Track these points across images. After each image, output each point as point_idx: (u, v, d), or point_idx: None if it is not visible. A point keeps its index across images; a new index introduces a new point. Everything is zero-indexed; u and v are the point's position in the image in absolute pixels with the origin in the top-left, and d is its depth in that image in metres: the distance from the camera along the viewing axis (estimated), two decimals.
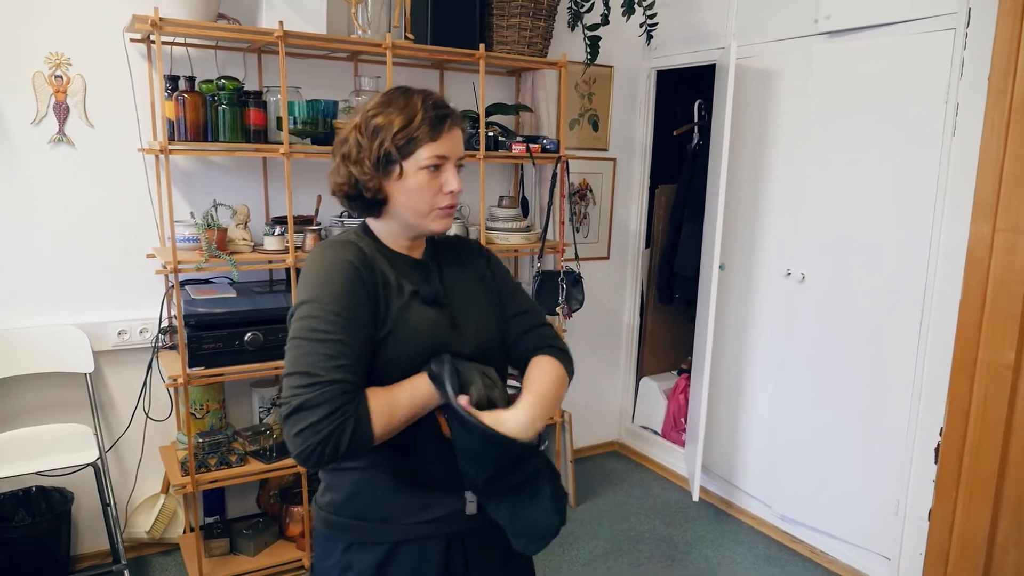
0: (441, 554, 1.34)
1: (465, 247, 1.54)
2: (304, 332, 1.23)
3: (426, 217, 1.34)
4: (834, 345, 3.03)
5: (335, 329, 1.22)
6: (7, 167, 2.63)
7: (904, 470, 2.84)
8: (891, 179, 2.79)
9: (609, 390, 4.27)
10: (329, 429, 1.16)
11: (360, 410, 1.20)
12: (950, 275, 2.64)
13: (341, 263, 1.28)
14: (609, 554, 3.17)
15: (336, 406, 1.17)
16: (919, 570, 2.81)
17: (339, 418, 1.16)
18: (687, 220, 4.03)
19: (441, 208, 1.35)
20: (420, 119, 1.30)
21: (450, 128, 1.33)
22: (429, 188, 1.32)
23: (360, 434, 1.19)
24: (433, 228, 1.36)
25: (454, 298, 1.40)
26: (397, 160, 1.30)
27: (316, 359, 1.20)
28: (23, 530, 2.62)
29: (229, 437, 2.82)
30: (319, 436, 1.15)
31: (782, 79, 3.22)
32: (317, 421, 1.16)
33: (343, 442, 1.17)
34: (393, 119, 1.30)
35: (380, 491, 1.33)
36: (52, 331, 2.75)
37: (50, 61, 2.64)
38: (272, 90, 2.79)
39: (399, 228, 1.38)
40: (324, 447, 1.16)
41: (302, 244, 2.77)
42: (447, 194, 1.34)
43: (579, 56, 3.54)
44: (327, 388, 1.18)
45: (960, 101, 2.57)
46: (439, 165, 1.32)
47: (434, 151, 1.31)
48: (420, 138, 1.30)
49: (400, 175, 1.31)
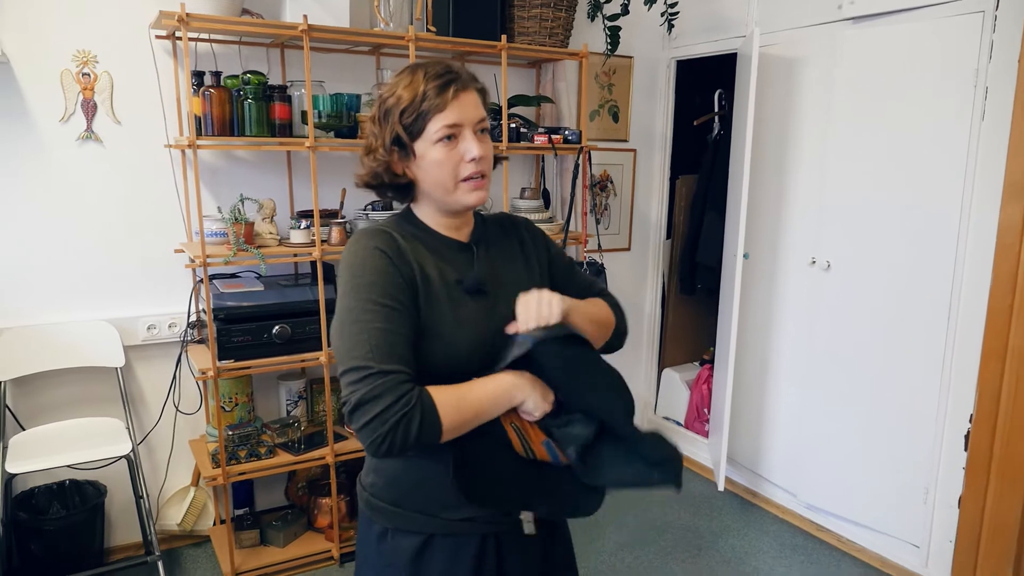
0: (474, 552, 1.31)
1: (513, 225, 1.46)
2: (347, 327, 1.19)
3: (454, 192, 1.27)
4: (861, 333, 3.02)
5: (378, 318, 1.18)
6: (37, 165, 2.66)
7: (933, 457, 2.82)
8: (918, 165, 2.77)
9: (631, 381, 4.18)
10: (395, 419, 1.12)
11: (424, 398, 1.15)
12: (979, 260, 2.62)
13: (370, 251, 1.23)
14: (635, 544, 3.18)
15: (397, 395, 1.13)
16: (949, 557, 2.80)
17: (403, 407, 1.12)
18: (709, 210, 4.02)
19: (466, 179, 1.27)
20: (423, 92, 1.23)
21: (456, 93, 1.24)
22: (449, 161, 1.25)
23: (428, 424, 1.14)
24: (466, 202, 1.28)
25: (499, 282, 1.34)
26: (408, 142, 1.26)
27: (365, 351, 1.16)
28: (58, 522, 2.65)
29: (258, 430, 2.84)
30: (386, 426, 1.12)
31: (806, 67, 3.20)
32: (382, 411, 1.12)
33: (412, 431, 1.13)
34: (399, 100, 1.25)
35: (421, 482, 1.30)
36: (83, 326, 2.78)
37: (77, 59, 2.67)
38: (296, 84, 2.81)
39: (436, 208, 1.33)
40: (394, 436, 1.12)
41: (327, 237, 2.79)
42: (469, 162, 1.25)
43: (599, 47, 3.55)
44: (383, 379, 1.14)
45: (989, 85, 2.54)
46: (453, 135, 1.24)
47: (443, 121, 1.23)
48: (427, 111, 1.23)
49: (417, 155, 1.26)
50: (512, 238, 1.43)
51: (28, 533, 2.61)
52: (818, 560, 3.09)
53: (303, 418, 3.07)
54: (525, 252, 1.43)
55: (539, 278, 1.42)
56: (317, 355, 2.78)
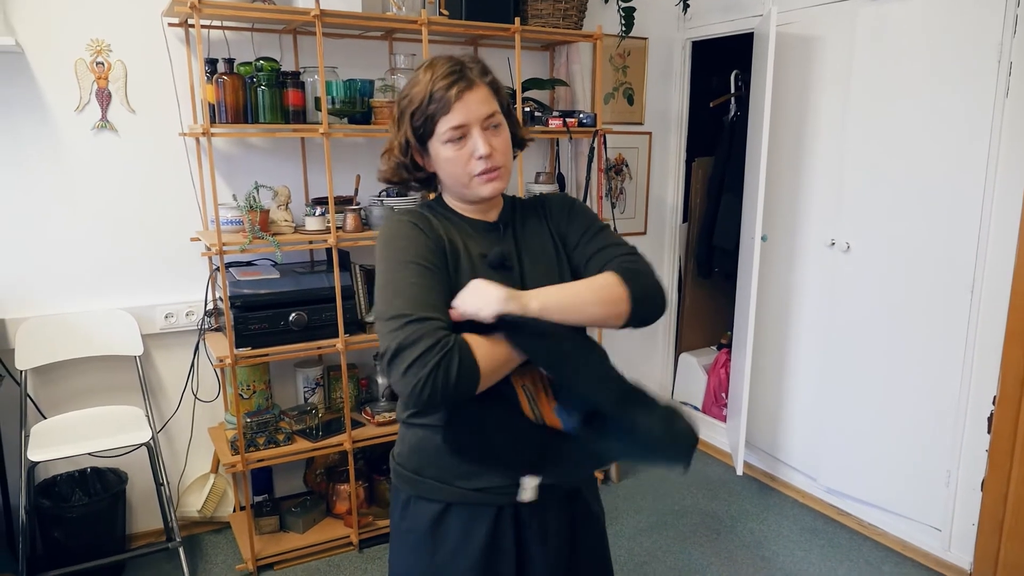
0: (489, 523, 1.33)
1: (543, 204, 1.47)
2: (385, 284, 1.23)
3: (468, 186, 1.32)
4: (881, 315, 2.98)
5: (413, 275, 1.22)
6: (53, 155, 2.67)
7: (955, 440, 2.79)
8: (940, 144, 2.72)
9: (648, 366, 4.25)
10: (435, 360, 1.11)
11: (461, 343, 1.15)
12: (1003, 240, 2.58)
13: (403, 223, 1.30)
14: (653, 528, 3.17)
15: (436, 339, 1.13)
16: (971, 541, 2.77)
17: (442, 350, 1.12)
18: (725, 192, 3.98)
19: (478, 175, 1.30)
20: (428, 95, 1.27)
21: (460, 94, 1.27)
22: (459, 159, 1.29)
23: (467, 367, 1.14)
24: (481, 194, 1.33)
25: (526, 259, 1.37)
26: (417, 147, 1.33)
27: (401, 302, 1.18)
28: (80, 509, 2.68)
29: (276, 417, 2.86)
30: (426, 369, 1.11)
31: (824, 45, 3.14)
32: (421, 355, 1.11)
33: (452, 373, 1.12)
34: (411, 99, 1.30)
35: (438, 449, 1.31)
36: (102, 315, 2.80)
37: (91, 48, 2.67)
38: (309, 71, 2.79)
39: (459, 197, 1.38)
40: (435, 379, 1.11)
41: (342, 224, 2.78)
42: (478, 160, 1.29)
43: (614, 28, 3.50)
44: (421, 324, 1.14)
45: (1014, 60, 2.49)
46: (462, 135, 1.28)
47: (449, 123, 1.27)
48: (434, 114, 1.28)
49: (431, 154, 1.32)
50: (541, 216, 1.45)
51: (51, 520, 2.63)
52: (838, 544, 3.07)
53: (320, 405, 3.07)
54: (551, 228, 1.44)
55: (565, 261, 1.42)
56: (333, 342, 2.78)
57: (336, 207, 2.77)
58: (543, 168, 3.62)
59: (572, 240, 1.42)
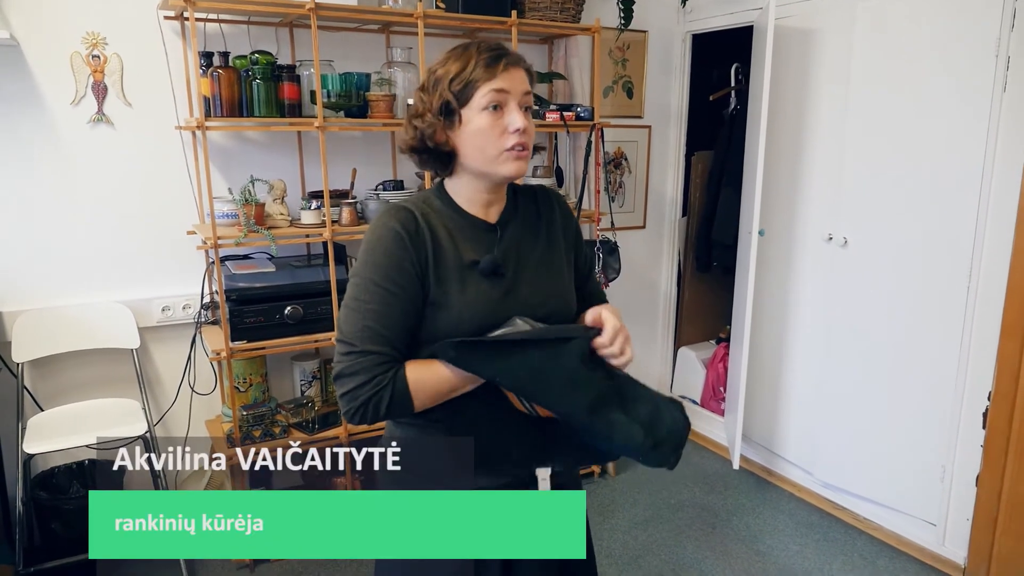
0: None
1: (547, 201, 1.47)
2: (349, 300, 1.28)
3: (495, 161, 1.30)
4: (878, 310, 2.98)
5: (374, 300, 1.25)
6: (49, 148, 2.68)
7: (950, 435, 2.79)
8: (937, 138, 2.71)
9: (647, 360, 4.25)
10: (365, 397, 1.22)
11: (398, 380, 1.23)
12: (1000, 235, 2.57)
13: (388, 231, 1.28)
14: (649, 522, 3.18)
15: (370, 376, 1.23)
16: (965, 535, 2.77)
17: (374, 388, 1.22)
18: (725, 187, 3.96)
19: (509, 150, 1.29)
20: (474, 62, 1.28)
21: (507, 67, 1.28)
22: (493, 130, 1.28)
23: (397, 403, 1.24)
24: (505, 173, 1.30)
25: (521, 263, 1.36)
26: (456, 108, 1.29)
27: (355, 329, 1.25)
28: (78, 501, 2.70)
29: (272, 410, 2.87)
30: (357, 402, 1.23)
31: (823, 38, 3.13)
32: (354, 388, 1.23)
33: (381, 408, 1.23)
34: (450, 68, 1.29)
35: (428, 451, 1.31)
36: (98, 308, 2.80)
37: (87, 41, 2.67)
38: (305, 64, 2.79)
39: (475, 182, 1.34)
40: (365, 411, 1.23)
41: (338, 218, 2.79)
42: (513, 133, 1.28)
43: (613, 21, 3.49)
44: (362, 358, 1.23)
45: (1011, 54, 2.47)
46: (500, 105, 1.28)
47: (491, 87, 1.27)
48: (476, 79, 1.27)
49: (462, 122, 1.29)
50: (542, 216, 1.44)
51: (48, 512, 2.65)
52: (834, 538, 3.07)
53: (317, 398, 3.08)
54: (551, 233, 1.43)
55: (561, 263, 1.42)
56: (330, 335, 2.78)
57: (332, 201, 2.77)
58: (541, 162, 3.61)
59: (580, 266, 1.49)
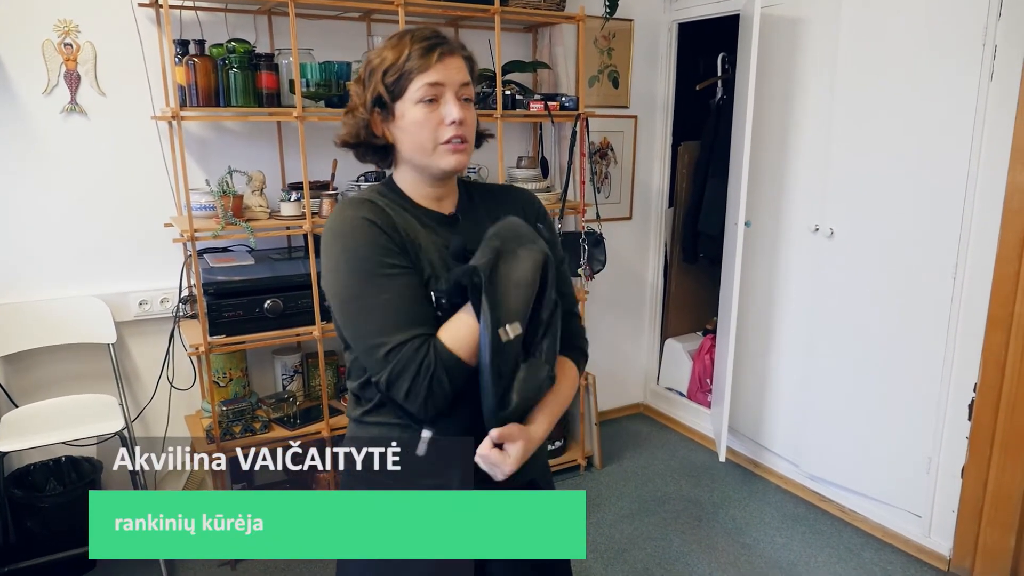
0: None
1: (509, 196, 1.44)
2: (346, 303, 1.24)
3: (431, 155, 1.27)
4: (864, 301, 2.96)
5: (380, 291, 1.21)
6: (21, 139, 2.61)
7: (936, 427, 2.78)
8: (924, 128, 2.69)
9: (633, 352, 4.23)
10: (426, 384, 1.19)
11: (440, 352, 1.20)
12: (986, 226, 2.55)
13: (359, 222, 1.24)
14: (635, 515, 3.16)
15: (416, 365, 1.18)
16: (951, 527, 2.77)
17: (427, 373, 1.18)
18: (711, 177, 3.93)
19: (446, 142, 1.26)
20: (407, 53, 1.24)
21: (442, 56, 1.25)
22: (428, 122, 1.25)
23: (454, 371, 1.20)
24: (442, 166, 1.28)
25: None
26: (388, 101, 1.26)
27: (373, 327, 1.21)
28: (55, 499, 2.65)
29: (253, 405, 2.83)
30: (421, 397, 1.19)
31: (810, 27, 3.10)
32: (411, 385, 1.19)
33: (445, 385, 1.20)
34: (385, 57, 1.26)
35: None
36: (74, 303, 2.75)
37: (59, 29, 2.60)
38: (283, 53, 2.74)
39: (416, 175, 1.32)
40: (433, 399, 1.20)
41: (319, 209, 2.74)
42: (449, 125, 1.25)
43: (598, 10, 3.45)
44: (399, 353, 1.19)
45: (998, 44, 2.45)
46: (435, 98, 1.25)
47: (425, 79, 1.24)
48: (409, 71, 1.24)
49: (397, 115, 1.26)
50: (506, 209, 1.38)
51: (24, 510, 2.60)
52: (820, 530, 3.07)
53: (299, 392, 3.04)
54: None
55: None
56: (310, 329, 2.74)
57: (312, 192, 2.73)
58: (526, 152, 3.58)
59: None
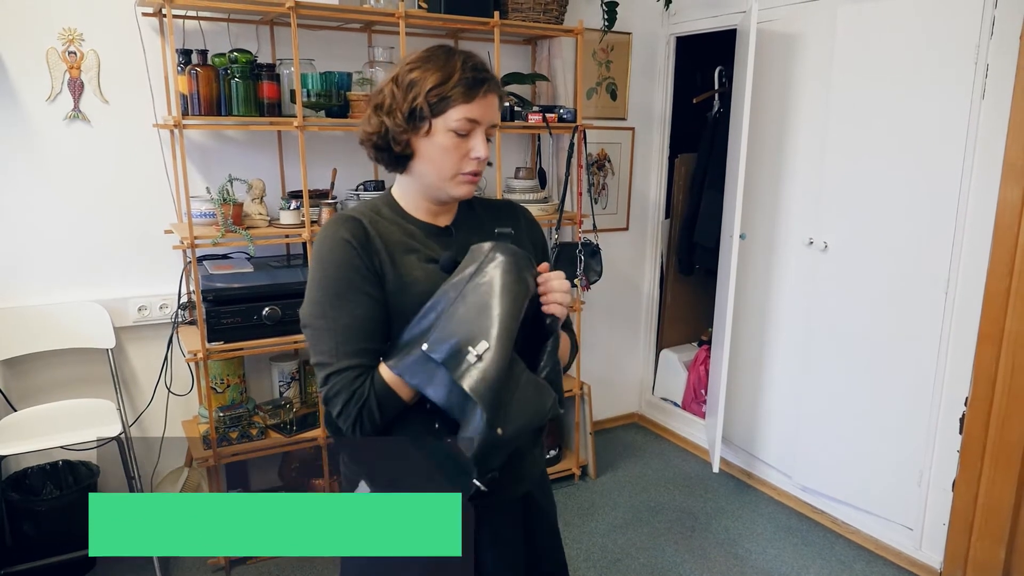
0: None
1: (506, 211, 1.48)
2: (312, 320, 1.27)
3: (449, 181, 1.31)
4: (857, 314, 2.98)
5: (340, 314, 1.25)
6: (24, 145, 2.64)
7: (928, 440, 2.80)
8: (917, 144, 2.72)
9: (629, 362, 4.25)
10: (356, 410, 1.23)
11: (376, 384, 1.24)
12: (977, 242, 2.58)
13: (337, 242, 1.28)
14: (629, 525, 3.18)
15: (352, 391, 1.23)
16: (942, 540, 2.79)
17: (358, 401, 1.23)
18: (707, 189, 3.97)
19: (465, 174, 1.31)
20: (456, 79, 1.26)
21: (485, 93, 1.29)
22: (456, 151, 1.29)
23: (386, 404, 1.24)
24: (454, 194, 1.32)
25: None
26: (427, 117, 1.27)
27: (325, 348, 1.25)
28: (51, 503, 2.66)
29: (250, 411, 2.84)
30: (351, 419, 1.24)
31: (805, 43, 3.13)
32: (343, 408, 1.23)
33: (376, 416, 1.24)
34: (429, 75, 1.27)
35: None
36: (73, 308, 2.77)
37: (63, 37, 2.63)
38: (285, 63, 2.77)
39: (422, 189, 1.35)
40: (361, 425, 1.24)
41: (318, 218, 2.77)
42: (473, 159, 1.30)
43: (596, 23, 3.49)
44: (339, 377, 1.24)
45: (990, 62, 2.48)
46: (468, 131, 1.28)
47: (465, 113, 1.27)
48: (453, 98, 1.26)
49: (429, 131, 1.28)
50: (501, 222, 1.43)
51: (21, 513, 2.61)
52: (812, 542, 3.08)
53: (296, 399, 3.06)
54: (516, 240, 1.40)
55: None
56: None
57: (312, 201, 2.75)
58: (524, 163, 3.61)
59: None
